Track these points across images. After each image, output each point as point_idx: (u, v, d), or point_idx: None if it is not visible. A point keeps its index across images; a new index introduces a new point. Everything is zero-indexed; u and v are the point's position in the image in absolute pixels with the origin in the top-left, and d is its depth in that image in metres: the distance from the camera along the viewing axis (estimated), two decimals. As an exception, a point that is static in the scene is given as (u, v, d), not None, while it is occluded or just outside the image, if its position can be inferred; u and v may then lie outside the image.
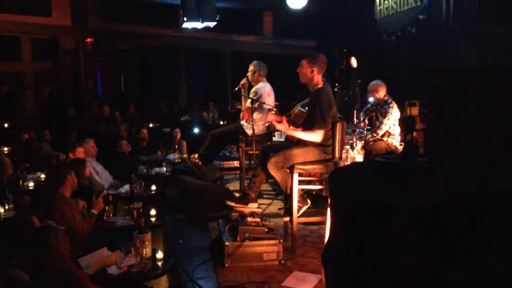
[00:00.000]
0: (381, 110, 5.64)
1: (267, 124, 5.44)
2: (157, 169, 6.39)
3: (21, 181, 5.32)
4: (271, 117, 4.33)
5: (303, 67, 4.10)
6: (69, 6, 10.42)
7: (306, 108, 4.12)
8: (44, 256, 2.75)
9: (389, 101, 5.63)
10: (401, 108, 5.77)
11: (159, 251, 3.31)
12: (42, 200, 4.05)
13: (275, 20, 12.12)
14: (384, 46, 7.22)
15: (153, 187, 5.24)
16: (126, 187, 5.17)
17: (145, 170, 6.23)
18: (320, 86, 4.13)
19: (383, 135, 5.60)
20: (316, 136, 4.01)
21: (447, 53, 5.44)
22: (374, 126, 5.76)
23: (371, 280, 1.91)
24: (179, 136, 8.12)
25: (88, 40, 11.10)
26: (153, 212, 4.32)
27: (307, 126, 4.08)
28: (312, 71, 4.07)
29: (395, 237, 1.77)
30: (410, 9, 6.45)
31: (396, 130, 5.59)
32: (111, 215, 4.30)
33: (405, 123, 4.99)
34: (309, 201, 4.27)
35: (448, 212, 1.74)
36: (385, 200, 1.90)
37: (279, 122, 4.22)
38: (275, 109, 5.47)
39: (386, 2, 7.11)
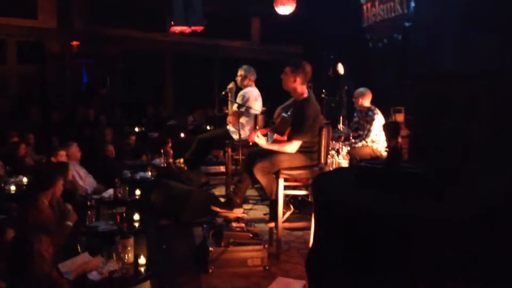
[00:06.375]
0: (366, 118, 5.75)
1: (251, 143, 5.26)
2: (141, 173, 6.31)
3: (2, 184, 5.23)
4: (254, 136, 4.16)
5: (287, 74, 4.07)
6: (55, 9, 10.33)
7: (289, 113, 4.07)
8: (27, 261, 2.68)
9: (373, 108, 5.78)
10: (387, 115, 5.82)
11: (142, 257, 3.26)
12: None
13: (262, 26, 12.16)
14: (371, 53, 7.28)
15: (137, 192, 5.18)
16: (110, 191, 5.10)
17: (129, 175, 6.16)
18: (305, 96, 4.08)
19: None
20: (292, 147, 3.99)
21: (432, 60, 5.48)
22: (360, 134, 5.83)
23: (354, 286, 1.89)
24: (169, 143, 7.94)
25: (74, 43, 10.99)
26: (136, 217, 4.26)
27: (290, 135, 4.05)
28: (295, 80, 4.04)
29: (379, 244, 1.76)
30: (397, 16, 6.52)
31: (380, 136, 5.65)
32: (93, 219, 4.23)
33: (389, 129, 5.02)
34: (292, 207, 4.26)
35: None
36: (370, 208, 1.89)
37: (265, 135, 4.20)
38: (262, 114, 5.42)
39: (373, 9, 7.18)
